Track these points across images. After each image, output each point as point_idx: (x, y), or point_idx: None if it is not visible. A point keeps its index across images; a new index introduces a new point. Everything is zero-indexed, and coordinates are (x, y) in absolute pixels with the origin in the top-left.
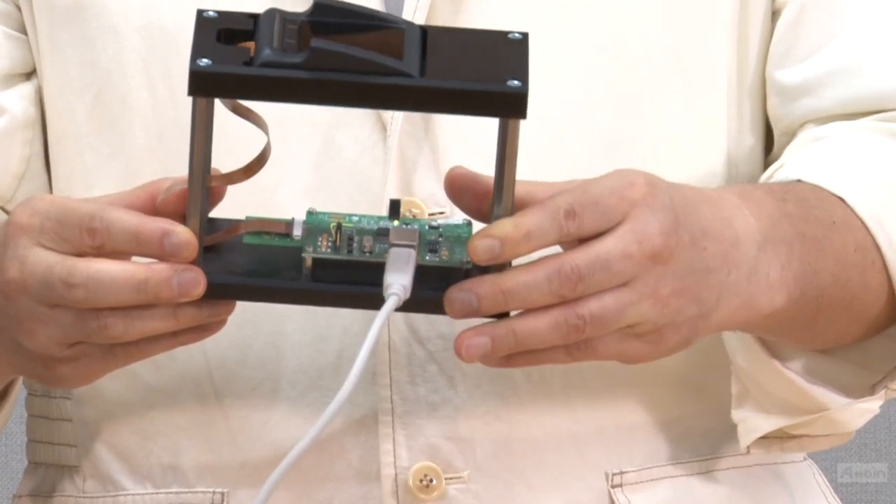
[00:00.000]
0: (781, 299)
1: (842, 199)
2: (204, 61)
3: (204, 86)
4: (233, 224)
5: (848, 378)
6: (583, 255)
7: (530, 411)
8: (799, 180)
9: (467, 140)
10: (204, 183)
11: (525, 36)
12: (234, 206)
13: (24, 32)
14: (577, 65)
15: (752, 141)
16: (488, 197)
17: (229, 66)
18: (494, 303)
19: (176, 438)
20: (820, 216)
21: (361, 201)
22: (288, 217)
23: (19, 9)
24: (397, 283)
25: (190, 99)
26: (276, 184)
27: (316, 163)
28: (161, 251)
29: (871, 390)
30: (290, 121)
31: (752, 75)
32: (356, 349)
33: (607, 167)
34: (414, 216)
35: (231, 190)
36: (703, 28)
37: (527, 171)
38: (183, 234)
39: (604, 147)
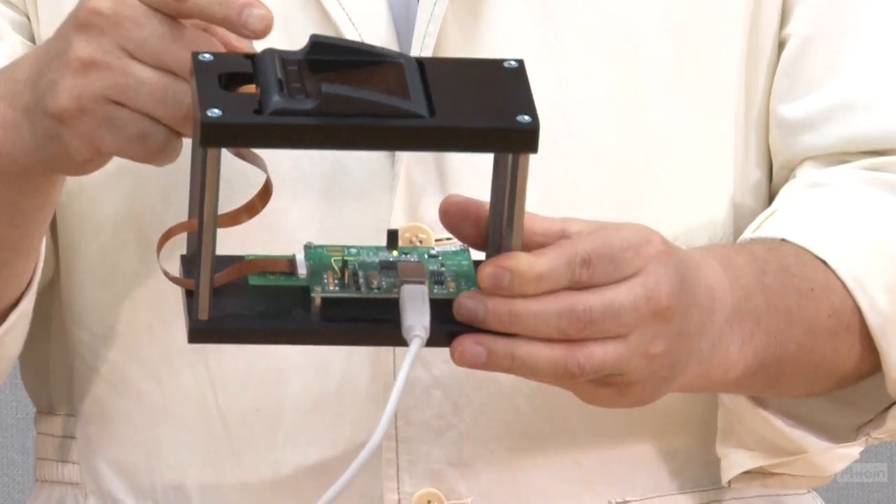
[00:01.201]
0: (736, 372)
1: (824, 262)
2: (214, 111)
3: (216, 136)
4: (235, 261)
5: (833, 418)
6: (598, 300)
7: (534, 438)
8: (784, 239)
9: (475, 166)
10: (215, 230)
11: (521, 64)
12: (244, 229)
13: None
14: (586, 90)
15: (757, 174)
16: (484, 222)
17: (240, 115)
18: (499, 320)
19: (180, 458)
20: (799, 285)
21: (368, 226)
22: (288, 253)
23: (29, 19)
24: (419, 324)
25: None
26: (284, 207)
27: (324, 187)
28: (238, 16)
29: (854, 434)
30: None
31: (758, 108)
32: (359, 372)
33: (613, 193)
34: (420, 241)
35: (237, 200)
36: (713, 58)
37: (533, 197)
38: (262, 9)
39: (610, 174)
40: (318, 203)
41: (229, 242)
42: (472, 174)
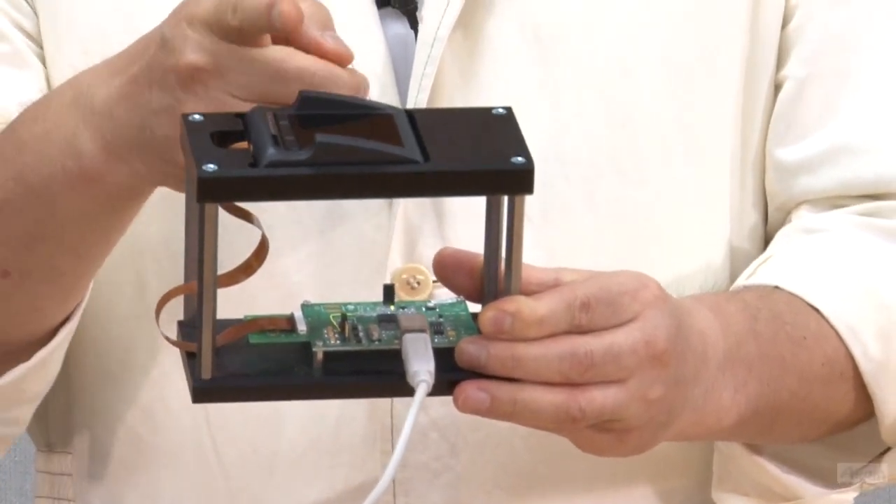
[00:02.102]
0: (730, 420)
1: (817, 310)
2: (210, 166)
3: (213, 191)
4: (233, 323)
5: (829, 464)
6: (598, 343)
7: (531, 480)
8: (777, 287)
9: (472, 207)
10: (215, 287)
11: (509, 110)
12: (239, 253)
13: None
14: (583, 133)
15: (754, 217)
16: (479, 273)
17: (237, 169)
18: (502, 365)
19: (177, 499)
20: (791, 333)
21: (365, 267)
22: (285, 294)
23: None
24: (423, 369)
25: None
26: (281, 248)
27: (321, 228)
28: (269, 20)
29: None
30: None
31: (755, 150)
32: (356, 414)
33: (610, 237)
34: (418, 283)
35: (237, 257)
36: (710, 101)
37: (533, 241)
38: (285, 8)
39: (608, 220)
40: (315, 244)
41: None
42: (469, 214)
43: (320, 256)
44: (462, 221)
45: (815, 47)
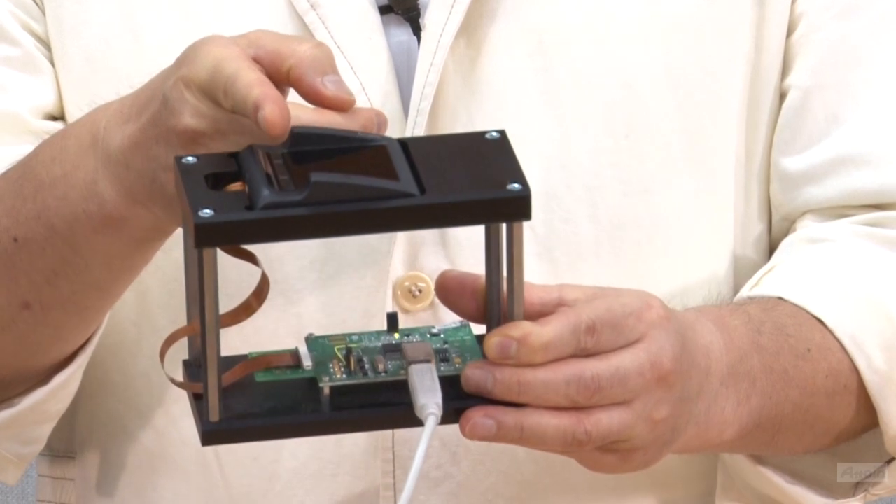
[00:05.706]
0: (732, 432)
1: (821, 321)
2: (206, 212)
3: (211, 236)
4: (239, 360)
5: (832, 474)
6: (605, 367)
7: (532, 490)
8: (781, 298)
9: None
10: (217, 331)
11: (503, 133)
12: (244, 289)
13: None
14: (586, 146)
15: (759, 227)
16: (482, 295)
17: (232, 213)
18: (508, 390)
19: None
20: (794, 346)
21: (368, 275)
22: (287, 303)
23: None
24: (431, 402)
25: None
26: (283, 256)
27: (324, 238)
28: (255, 118)
29: (852, 489)
30: None
31: (760, 159)
32: None
33: (613, 247)
34: (420, 291)
35: (238, 268)
36: (714, 111)
37: (536, 252)
38: (268, 114)
39: (611, 230)
40: (318, 253)
41: (225, 304)
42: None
43: (323, 264)
44: (463, 230)
45: (821, 57)
